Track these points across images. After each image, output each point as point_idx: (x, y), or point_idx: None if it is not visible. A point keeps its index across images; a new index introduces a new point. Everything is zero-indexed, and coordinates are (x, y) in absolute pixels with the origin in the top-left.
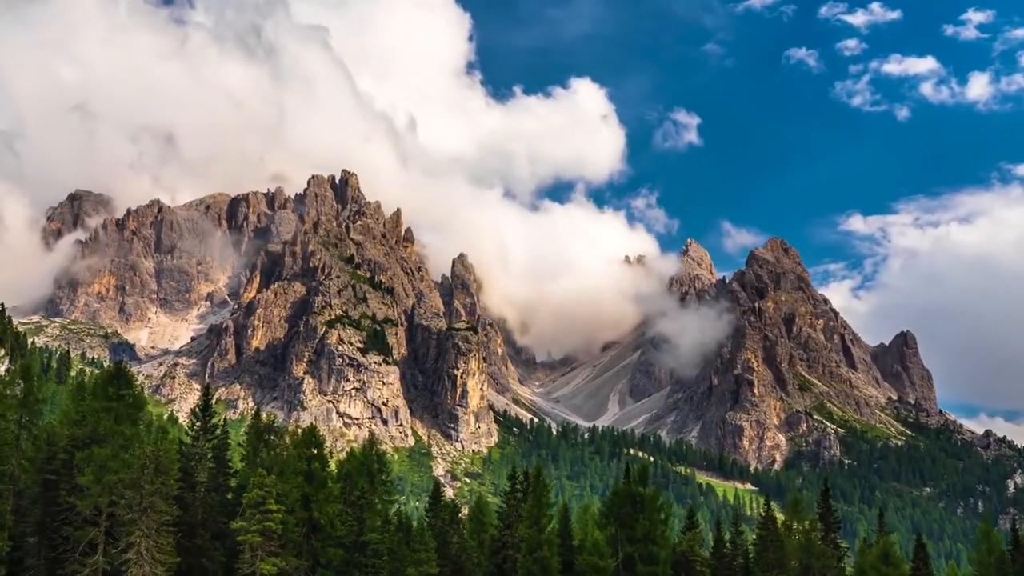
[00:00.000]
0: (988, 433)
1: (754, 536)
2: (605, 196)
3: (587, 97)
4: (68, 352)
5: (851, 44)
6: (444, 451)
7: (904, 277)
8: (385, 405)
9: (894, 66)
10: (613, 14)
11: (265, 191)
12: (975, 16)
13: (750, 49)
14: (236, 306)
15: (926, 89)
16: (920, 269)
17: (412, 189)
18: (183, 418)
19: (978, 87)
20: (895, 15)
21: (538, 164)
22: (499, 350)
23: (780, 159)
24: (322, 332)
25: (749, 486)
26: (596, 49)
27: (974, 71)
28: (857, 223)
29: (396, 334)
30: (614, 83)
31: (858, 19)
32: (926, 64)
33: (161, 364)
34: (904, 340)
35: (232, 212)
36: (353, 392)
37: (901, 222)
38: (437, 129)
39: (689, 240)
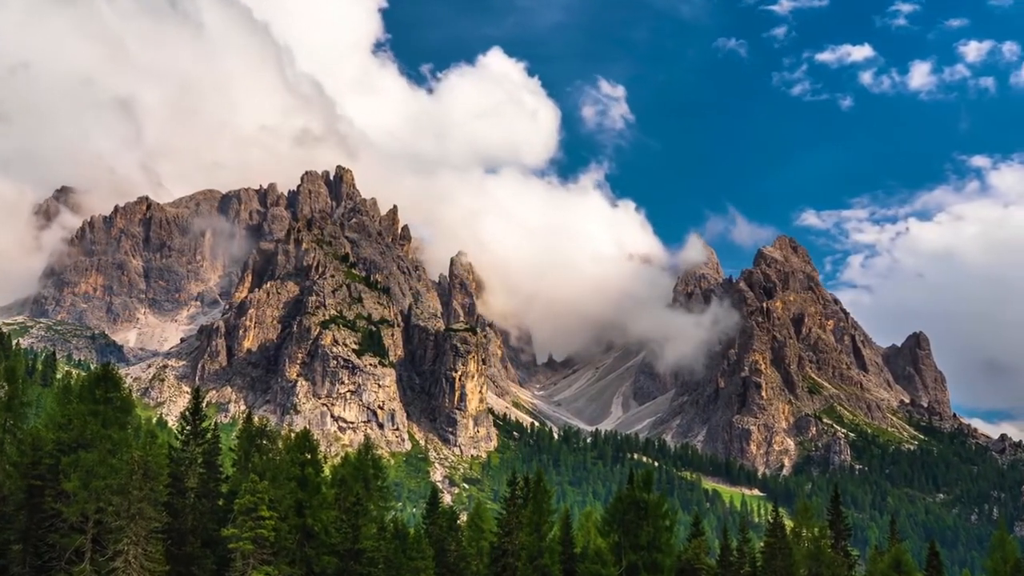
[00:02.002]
0: (1003, 437)
1: (762, 544)
2: (547, 173)
3: (509, 71)
4: (54, 354)
5: (779, 32)
6: (442, 456)
7: (868, 275)
8: (381, 408)
9: (829, 55)
10: None
11: (257, 188)
12: (904, 7)
13: (679, 38)
14: (227, 306)
15: (866, 78)
16: (883, 266)
17: (382, 180)
18: (172, 422)
19: (919, 76)
20: (822, 3)
21: (474, 144)
22: (499, 351)
23: (728, 153)
24: (316, 333)
25: (757, 492)
26: (515, 25)
27: (914, 60)
28: (811, 218)
29: (392, 335)
30: (531, 58)
31: (782, 7)
32: (862, 52)
33: (150, 366)
34: (916, 341)
35: (223, 210)
36: (348, 395)
37: (856, 217)
38: (362, 111)
39: (694, 238)
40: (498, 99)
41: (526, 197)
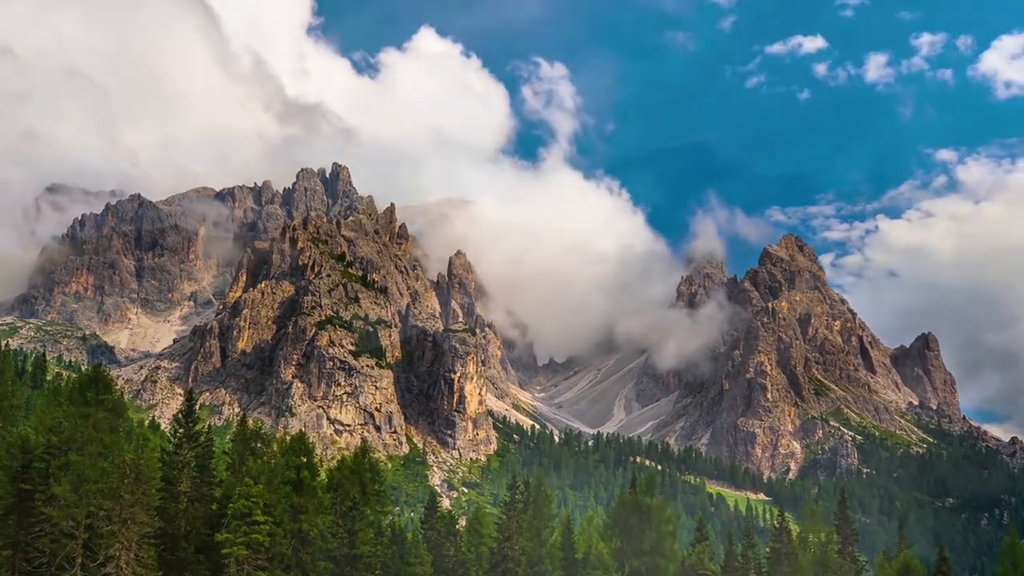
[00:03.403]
0: (1014, 441)
1: (767, 549)
2: (511, 155)
3: (447, 51)
4: (44, 355)
5: (725, 24)
6: (440, 459)
7: (841, 274)
8: (378, 411)
9: (780, 47)
10: None
11: (252, 185)
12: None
13: (628, 31)
14: (221, 306)
15: (821, 70)
16: (855, 264)
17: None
18: (165, 424)
19: (876, 69)
20: None
21: (436, 130)
22: (498, 353)
23: (692, 149)
24: (312, 334)
25: (762, 496)
26: (445, 4)
27: (869, 52)
28: (776, 215)
29: (390, 336)
30: (466, 40)
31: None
32: (815, 44)
33: (142, 367)
34: (925, 342)
35: (217, 207)
36: (344, 397)
37: (823, 213)
38: (313, 97)
39: (698, 236)
40: (446, 82)
41: (506, 186)
